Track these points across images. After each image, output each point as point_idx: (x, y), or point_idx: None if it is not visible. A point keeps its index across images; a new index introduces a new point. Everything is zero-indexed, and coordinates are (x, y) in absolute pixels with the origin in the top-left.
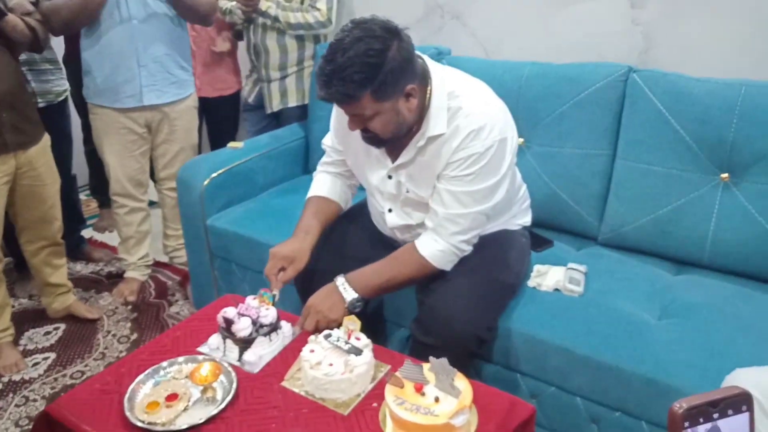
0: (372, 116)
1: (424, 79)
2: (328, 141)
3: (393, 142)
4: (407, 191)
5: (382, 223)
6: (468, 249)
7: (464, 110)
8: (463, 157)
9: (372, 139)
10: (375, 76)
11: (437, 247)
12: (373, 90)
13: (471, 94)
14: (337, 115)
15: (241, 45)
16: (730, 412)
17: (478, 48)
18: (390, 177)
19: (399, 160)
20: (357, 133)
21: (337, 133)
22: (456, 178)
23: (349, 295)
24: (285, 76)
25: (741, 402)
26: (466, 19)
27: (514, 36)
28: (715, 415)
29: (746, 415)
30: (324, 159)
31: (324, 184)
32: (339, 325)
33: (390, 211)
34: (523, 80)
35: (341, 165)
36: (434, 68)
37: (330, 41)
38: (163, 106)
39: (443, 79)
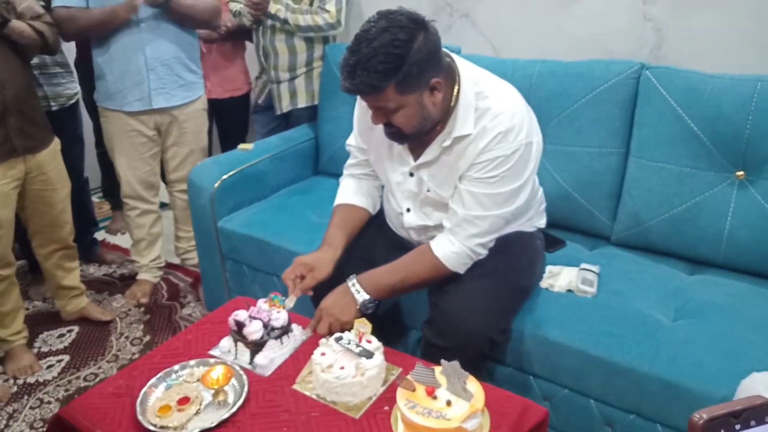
0: (396, 109)
1: (450, 75)
2: (352, 141)
3: (416, 137)
4: (428, 190)
5: (398, 224)
6: (483, 253)
7: (492, 111)
8: (488, 159)
9: (395, 134)
10: (400, 67)
11: (452, 248)
12: (398, 81)
13: (500, 96)
14: (360, 111)
15: (250, 47)
16: (752, 423)
17: (488, 46)
18: (411, 174)
19: (422, 158)
20: (380, 129)
21: (360, 129)
22: (479, 180)
23: (361, 296)
24: (294, 77)
25: (765, 412)
26: (475, 18)
27: (524, 34)
28: (737, 426)
29: None
30: (349, 161)
31: (349, 190)
32: (351, 327)
33: (408, 210)
34: (533, 78)
35: (366, 165)
36: (463, 67)
37: (356, 33)
38: (173, 110)
39: (471, 78)
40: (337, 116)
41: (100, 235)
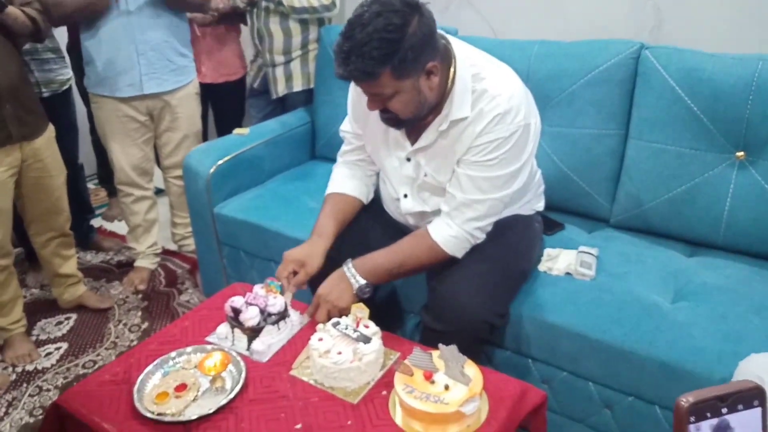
0: (392, 95)
1: (446, 58)
2: (346, 126)
3: (413, 123)
4: (425, 175)
5: (395, 210)
6: (481, 237)
7: (490, 93)
8: (486, 142)
9: (391, 120)
10: (395, 52)
11: (450, 232)
12: (393, 67)
13: (496, 77)
14: (354, 97)
15: (245, 30)
16: (740, 407)
17: (486, 27)
18: (408, 159)
19: (419, 143)
20: (375, 114)
21: (355, 115)
22: (477, 163)
23: (358, 282)
24: (289, 60)
25: (753, 397)
26: None
27: (522, 14)
28: (724, 410)
29: (758, 410)
30: (343, 148)
31: (342, 178)
32: (349, 313)
33: (405, 196)
34: (531, 60)
35: (361, 151)
36: (459, 49)
37: (348, 18)
38: (164, 95)
39: (467, 60)
40: (333, 100)
41: (96, 222)
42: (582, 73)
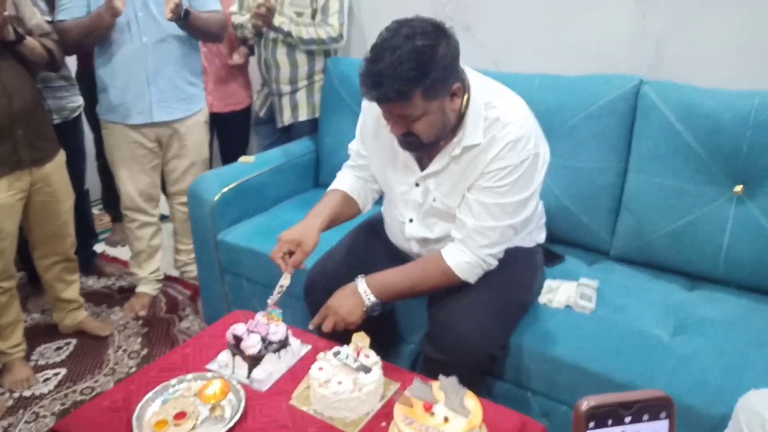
0: (419, 117)
1: (464, 82)
2: (353, 146)
3: (432, 146)
4: (434, 200)
5: (399, 234)
6: (494, 263)
7: (502, 121)
8: (497, 168)
9: (412, 144)
10: (427, 73)
11: (464, 258)
12: (425, 87)
13: (508, 106)
14: (365, 120)
15: (252, 60)
16: (645, 417)
17: (488, 60)
18: (417, 185)
19: (430, 168)
20: (384, 139)
21: (363, 138)
22: (489, 189)
23: (369, 299)
24: (295, 90)
25: (660, 407)
26: (476, 31)
27: (524, 47)
28: (627, 419)
29: (665, 422)
30: (349, 162)
31: (346, 180)
32: (357, 329)
33: (411, 221)
34: (533, 92)
35: (365, 170)
36: (472, 76)
37: (377, 39)
38: (173, 122)
39: (480, 87)
40: (338, 129)
41: (99, 247)
42: (582, 107)
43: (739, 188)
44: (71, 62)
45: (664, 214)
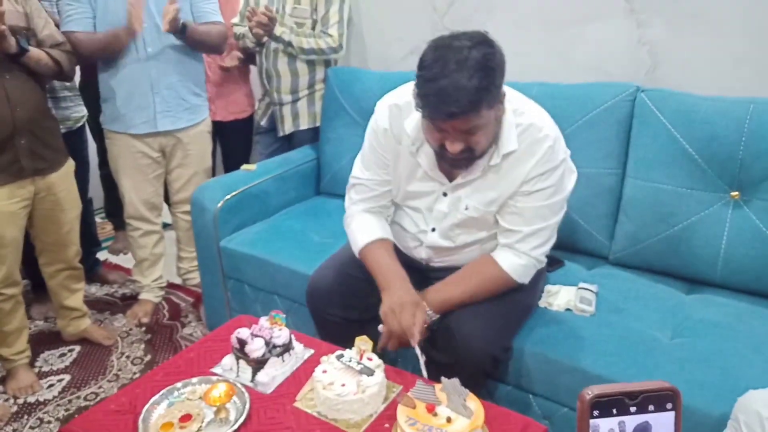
0: (481, 127)
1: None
2: (365, 174)
3: (479, 159)
4: (466, 208)
5: (409, 241)
6: (545, 260)
7: (536, 126)
8: (541, 172)
9: (461, 161)
10: (493, 80)
11: (520, 261)
12: (491, 95)
13: (534, 111)
14: (381, 143)
15: (254, 69)
16: (651, 407)
17: None
18: (445, 195)
19: (464, 178)
20: (404, 157)
21: (380, 162)
22: (537, 193)
23: (430, 316)
24: (296, 99)
25: (666, 399)
26: None
27: (522, 56)
28: (633, 409)
29: (671, 414)
30: (359, 196)
31: (375, 226)
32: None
33: (433, 230)
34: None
35: (381, 198)
36: None
37: (426, 60)
38: (177, 132)
39: (507, 94)
40: (338, 137)
41: (102, 255)
42: (580, 114)
43: (735, 193)
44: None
45: (662, 218)
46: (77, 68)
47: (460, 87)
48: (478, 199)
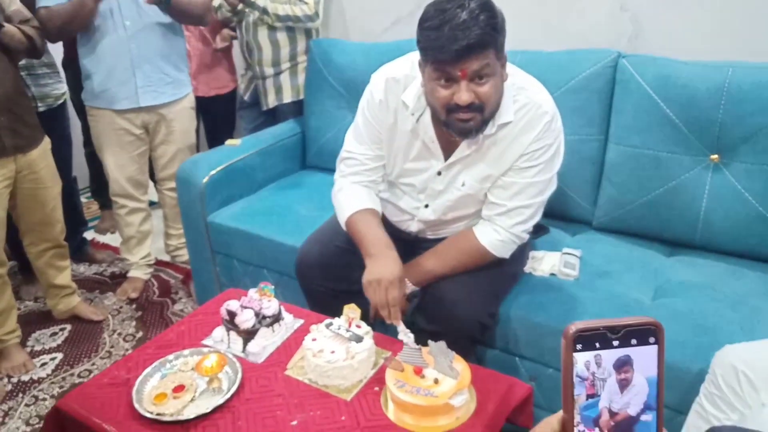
0: (490, 74)
1: None
2: (355, 149)
3: (487, 123)
4: (463, 184)
5: (406, 217)
6: (527, 237)
7: (534, 101)
8: (537, 148)
9: (470, 121)
10: (498, 26)
11: (498, 237)
12: (499, 40)
13: (533, 86)
14: (377, 117)
15: (236, 44)
16: (633, 341)
17: None
18: (439, 173)
19: (459, 154)
20: (400, 133)
21: (374, 137)
22: (527, 169)
23: (409, 287)
24: (279, 72)
25: (648, 333)
26: None
27: (506, 26)
28: (615, 342)
29: (653, 348)
30: (350, 169)
31: (365, 197)
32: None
33: (426, 206)
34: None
35: (372, 173)
36: None
37: (428, 14)
38: (160, 108)
39: (507, 68)
40: (323, 110)
41: (89, 235)
42: (563, 81)
43: (715, 156)
44: (56, 50)
45: (644, 183)
46: (60, 45)
47: (469, 24)
48: (473, 176)
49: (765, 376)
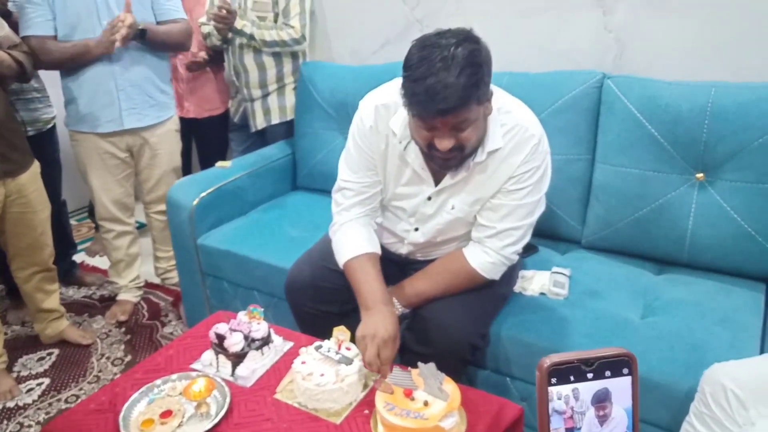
0: (471, 122)
1: None
2: (350, 177)
3: (468, 158)
4: (452, 207)
5: (395, 240)
6: (516, 258)
7: (521, 125)
8: (525, 171)
9: (451, 160)
10: (481, 77)
11: (488, 259)
12: (480, 91)
13: (519, 109)
14: (371, 144)
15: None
16: (607, 373)
17: None
18: (429, 198)
19: (448, 181)
20: (392, 159)
21: (368, 164)
22: (516, 191)
23: (398, 309)
24: (267, 94)
25: (622, 364)
26: None
27: (491, 46)
28: (590, 375)
29: (627, 379)
30: (345, 202)
31: (362, 239)
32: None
33: (416, 230)
34: (502, 89)
35: (370, 200)
36: None
37: (411, 60)
38: (144, 131)
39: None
40: (313, 132)
41: (78, 258)
42: (549, 102)
43: (700, 175)
44: (44, 74)
45: (631, 202)
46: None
47: (449, 84)
48: (463, 199)
49: (754, 394)
